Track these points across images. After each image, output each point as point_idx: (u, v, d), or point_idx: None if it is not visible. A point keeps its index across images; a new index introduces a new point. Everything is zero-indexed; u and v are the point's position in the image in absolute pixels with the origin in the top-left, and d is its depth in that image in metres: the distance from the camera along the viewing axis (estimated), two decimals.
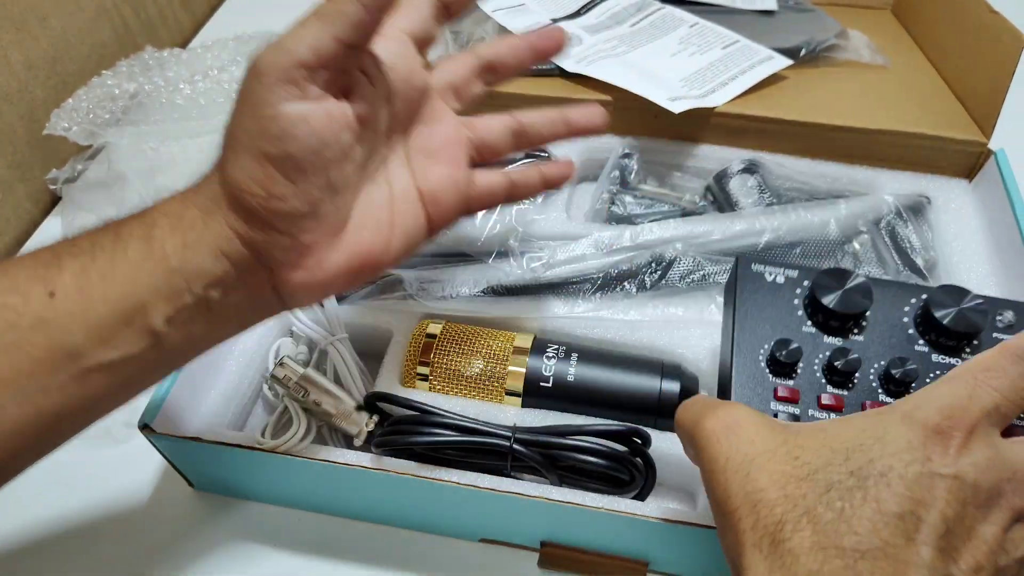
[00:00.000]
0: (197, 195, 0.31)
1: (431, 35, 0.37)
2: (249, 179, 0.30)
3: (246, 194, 0.30)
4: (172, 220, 0.31)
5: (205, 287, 0.31)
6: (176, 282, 0.30)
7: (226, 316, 0.33)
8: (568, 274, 0.49)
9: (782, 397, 0.35)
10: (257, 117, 0.30)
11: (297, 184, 0.30)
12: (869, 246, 0.51)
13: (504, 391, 0.44)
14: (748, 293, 0.38)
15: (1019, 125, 0.58)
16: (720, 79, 0.59)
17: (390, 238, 0.35)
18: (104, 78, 0.61)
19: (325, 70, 0.30)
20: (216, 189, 0.31)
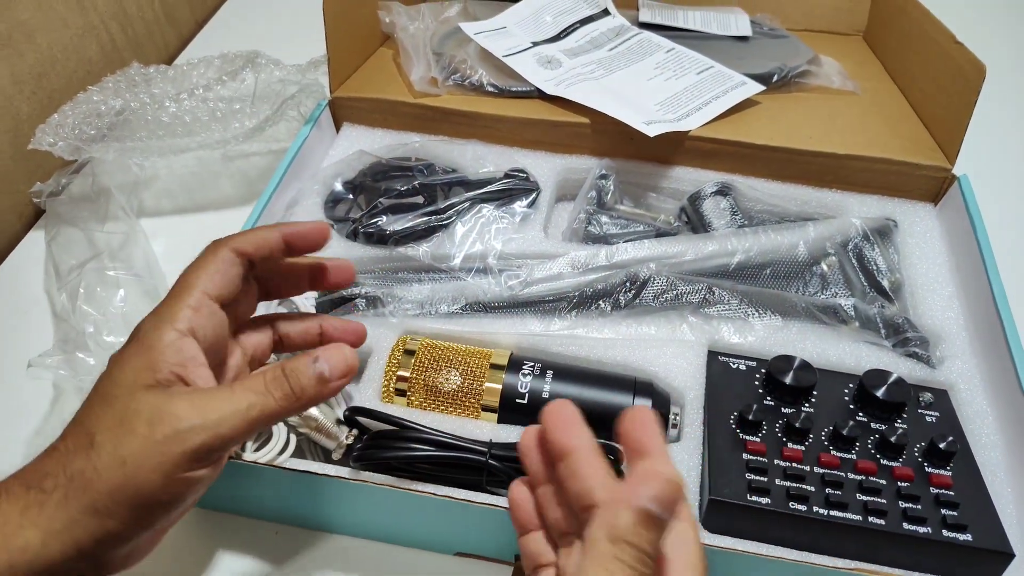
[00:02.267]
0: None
1: (238, 291, 0.35)
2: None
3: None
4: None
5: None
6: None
7: None
8: (544, 292, 0.51)
9: (751, 449, 0.41)
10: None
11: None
12: (837, 268, 0.53)
13: (481, 407, 0.45)
14: (716, 377, 0.46)
15: (981, 151, 0.60)
16: (695, 104, 0.61)
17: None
18: (90, 94, 0.62)
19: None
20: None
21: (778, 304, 0.50)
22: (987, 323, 0.48)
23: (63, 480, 0.29)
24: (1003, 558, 0.37)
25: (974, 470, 0.40)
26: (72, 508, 0.28)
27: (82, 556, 0.29)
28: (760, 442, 0.41)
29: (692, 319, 0.49)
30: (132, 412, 0.29)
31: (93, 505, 0.28)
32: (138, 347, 0.31)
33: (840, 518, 0.38)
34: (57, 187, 0.61)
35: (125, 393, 0.30)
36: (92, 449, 0.29)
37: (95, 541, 0.29)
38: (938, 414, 0.44)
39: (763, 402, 0.44)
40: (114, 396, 0.30)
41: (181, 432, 0.29)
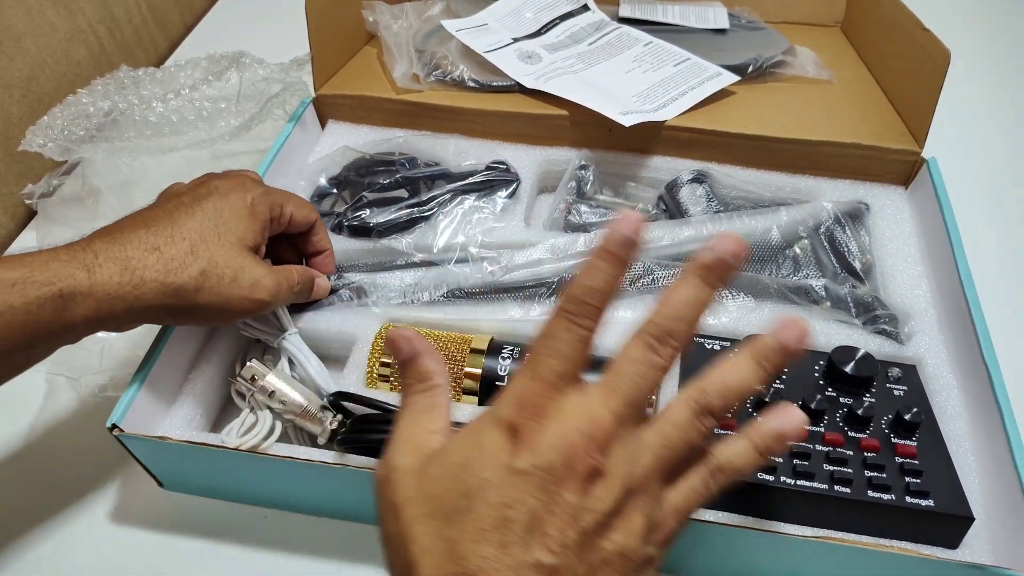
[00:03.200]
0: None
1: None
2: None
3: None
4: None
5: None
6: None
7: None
8: (524, 278, 0.52)
9: (724, 425, 0.42)
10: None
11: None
12: (809, 251, 0.54)
13: (462, 390, 0.46)
14: (692, 358, 0.47)
15: (949, 134, 0.61)
16: (671, 95, 0.62)
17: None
18: (79, 96, 0.63)
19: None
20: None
21: (752, 286, 0.51)
22: (953, 300, 0.50)
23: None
24: (964, 522, 0.38)
25: (939, 440, 0.42)
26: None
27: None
28: (731, 417, 0.42)
29: None
30: (236, 261, 0.42)
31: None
32: (251, 217, 0.44)
33: (806, 487, 0.39)
34: (48, 188, 0.62)
35: (234, 243, 0.42)
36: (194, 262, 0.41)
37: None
38: (906, 388, 0.45)
39: None
40: (225, 237, 0.42)
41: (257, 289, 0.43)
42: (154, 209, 0.43)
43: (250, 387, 0.45)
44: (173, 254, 0.40)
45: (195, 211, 0.42)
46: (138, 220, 0.41)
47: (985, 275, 0.50)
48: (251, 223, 0.44)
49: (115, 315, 0.39)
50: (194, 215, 0.42)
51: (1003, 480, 0.41)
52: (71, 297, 0.37)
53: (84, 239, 0.39)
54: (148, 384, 0.44)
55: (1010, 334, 0.51)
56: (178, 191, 0.45)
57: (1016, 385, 0.44)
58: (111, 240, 0.39)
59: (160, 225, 0.41)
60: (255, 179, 0.48)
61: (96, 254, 0.38)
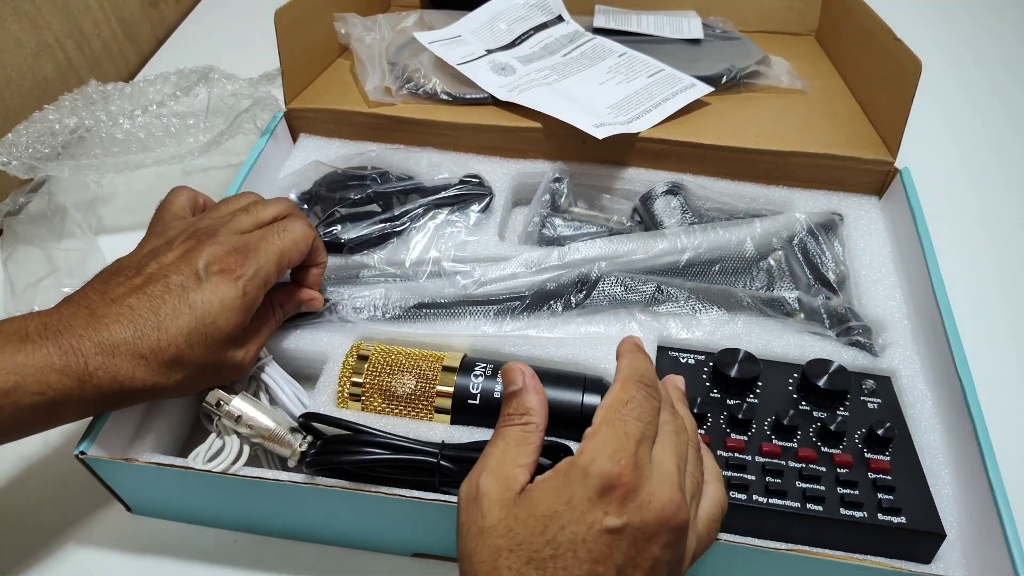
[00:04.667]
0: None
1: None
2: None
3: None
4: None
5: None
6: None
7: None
8: (497, 291, 0.51)
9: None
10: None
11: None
12: (783, 262, 0.54)
13: (434, 409, 0.46)
14: (666, 371, 0.47)
15: (922, 144, 0.62)
16: (645, 106, 0.62)
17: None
18: (46, 112, 0.62)
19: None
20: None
21: (725, 300, 0.51)
22: (926, 311, 0.50)
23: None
24: (935, 538, 0.38)
25: (912, 454, 0.42)
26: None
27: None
28: (704, 434, 0.42)
29: (641, 316, 0.50)
30: (220, 359, 0.42)
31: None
32: (242, 309, 0.42)
33: (779, 505, 0.39)
34: (14, 206, 0.61)
35: (221, 343, 0.42)
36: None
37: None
38: (880, 400, 0.45)
39: (709, 395, 0.45)
40: (213, 338, 0.41)
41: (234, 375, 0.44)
42: (138, 292, 0.40)
43: (216, 412, 0.44)
44: (159, 364, 0.39)
45: (181, 307, 0.40)
46: (123, 309, 0.39)
47: (957, 285, 0.51)
48: (242, 315, 0.42)
49: (100, 411, 0.41)
50: (180, 313, 0.39)
51: (976, 492, 0.41)
52: (63, 404, 0.37)
53: (69, 327, 0.38)
54: (115, 416, 0.43)
55: (983, 344, 0.51)
56: (167, 245, 0.43)
57: (988, 395, 0.44)
58: (98, 344, 0.38)
59: (144, 324, 0.39)
60: (245, 245, 0.43)
61: (87, 363, 0.37)
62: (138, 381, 0.39)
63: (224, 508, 0.45)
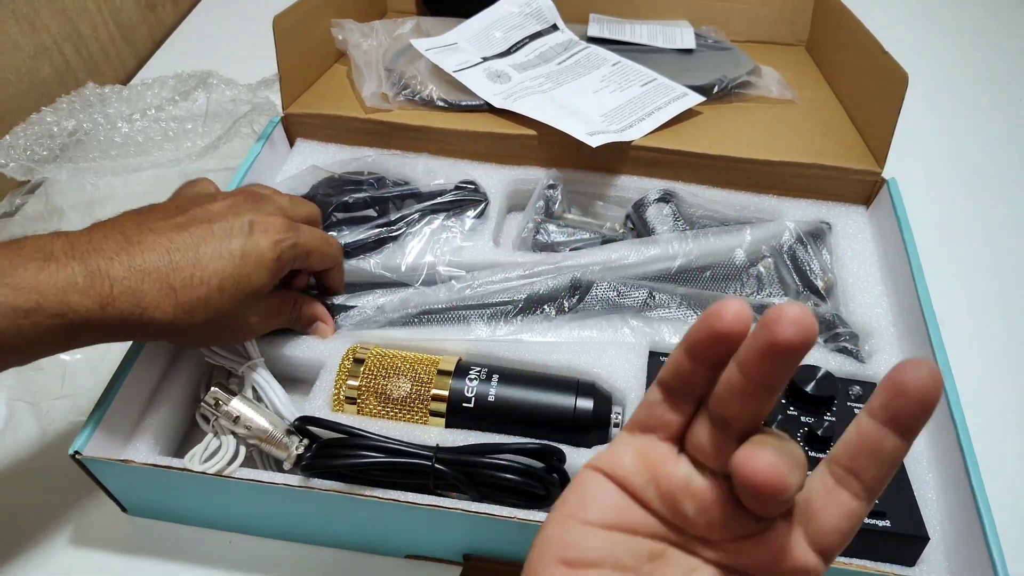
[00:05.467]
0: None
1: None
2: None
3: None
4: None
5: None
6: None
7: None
8: (491, 296, 0.52)
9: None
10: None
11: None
12: (772, 269, 0.55)
13: (429, 412, 0.46)
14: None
15: (909, 155, 0.63)
16: (637, 115, 0.63)
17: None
18: (43, 115, 0.62)
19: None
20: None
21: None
22: (912, 318, 0.51)
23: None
24: (919, 541, 0.39)
25: None
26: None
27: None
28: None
29: (633, 322, 0.50)
30: (240, 314, 0.43)
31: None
32: (273, 270, 0.43)
33: None
34: (11, 208, 0.62)
35: (248, 296, 0.42)
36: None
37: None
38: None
39: None
40: (241, 289, 0.42)
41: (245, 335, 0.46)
42: (180, 230, 0.40)
43: (214, 412, 0.44)
44: (186, 300, 0.39)
45: (222, 251, 0.40)
46: (161, 240, 0.39)
47: (942, 293, 0.52)
48: (271, 276, 0.43)
49: (111, 340, 0.39)
50: (220, 256, 0.40)
51: (958, 497, 0.42)
52: (80, 328, 0.37)
53: (99, 248, 0.37)
54: (112, 409, 0.44)
55: (967, 352, 0.52)
56: (211, 197, 0.44)
57: (970, 402, 0.45)
58: (129, 266, 0.38)
59: (181, 258, 0.39)
60: (291, 218, 0.45)
61: (112, 285, 0.37)
62: (159, 312, 0.38)
63: (219, 509, 0.45)
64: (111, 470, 0.43)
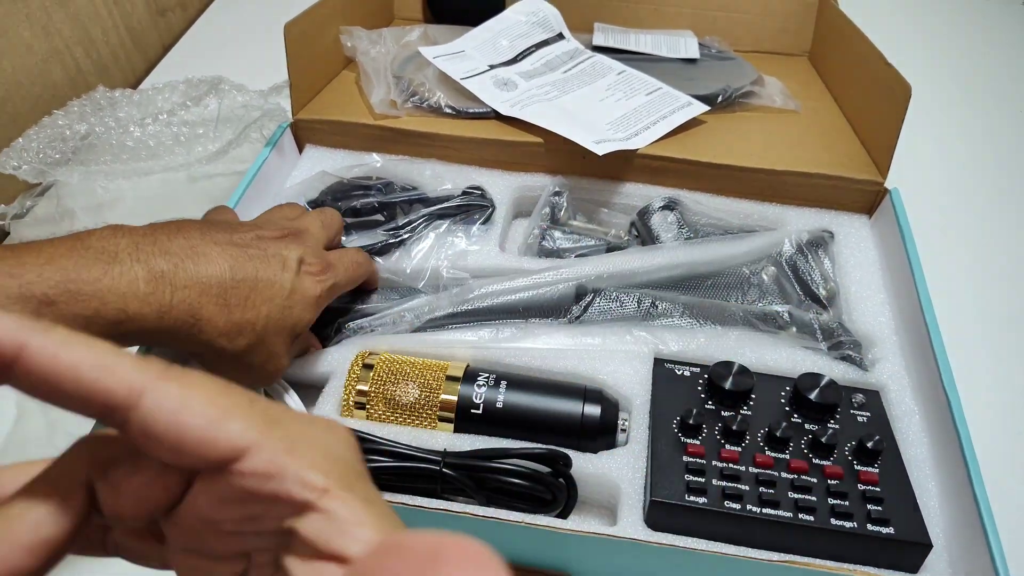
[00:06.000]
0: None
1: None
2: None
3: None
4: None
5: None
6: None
7: None
8: (497, 301, 0.53)
9: (691, 452, 0.43)
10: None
11: None
12: (775, 278, 0.55)
13: (437, 418, 0.47)
14: (662, 383, 0.48)
15: (912, 165, 0.64)
16: (643, 123, 0.64)
17: None
18: (55, 118, 0.63)
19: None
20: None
21: (719, 314, 0.52)
22: (915, 328, 0.51)
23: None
24: (922, 549, 0.40)
25: (900, 467, 0.43)
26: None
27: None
28: (700, 444, 0.43)
29: (637, 332, 0.51)
30: (277, 348, 0.44)
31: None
32: (313, 309, 0.45)
33: (771, 515, 0.40)
34: (21, 209, 0.62)
35: (287, 331, 0.43)
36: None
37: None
38: (869, 414, 0.46)
39: (704, 406, 0.46)
40: (282, 324, 0.43)
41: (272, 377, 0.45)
42: (241, 248, 0.41)
43: None
44: (238, 320, 0.40)
45: (275, 281, 0.42)
46: (224, 255, 0.40)
47: (944, 302, 0.52)
48: (312, 315, 0.45)
49: (153, 343, 0.40)
50: (273, 284, 0.42)
51: (962, 505, 0.42)
52: (133, 334, 0.37)
53: (165, 252, 0.38)
54: None
55: (969, 361, 0.53)
56: (255, 226, 0.44)
57: (973, 411, 0.45)
58: (192, 276, 0.38)
59: (241, 277, 0.40)
60: (327, 262, 0.46)
61: (172, 295, 0.37)
62: (211, 327, 0.39)
63: None
64: None
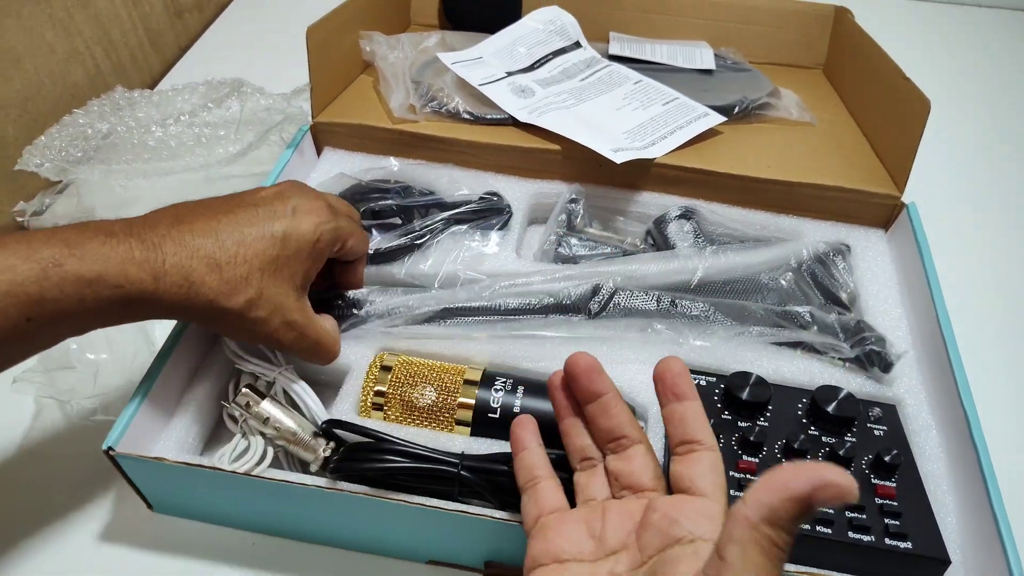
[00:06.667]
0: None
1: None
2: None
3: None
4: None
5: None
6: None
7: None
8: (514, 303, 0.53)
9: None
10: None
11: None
12: (793, 285, 0.55)
13: (454, 421, 0.47)
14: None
15: (928, 180, 0.64)
16: (660, 133, 0.64)
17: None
18: (76, 116, 0.63)
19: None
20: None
21: (739, 313, 0.52)
22: (932, 342, 0.51)
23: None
24: (940, 564, 0.40)
25: (917, 481, 0.43)
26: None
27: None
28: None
29: (658, 325, 0.51)
30: (279, 299, 0.43)
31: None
32: (313, 256, 0.45)
33: None
34: (41, 207, 0.63)
35: (287, 280, 0.43)
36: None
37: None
38: (886, 428, 0.46)
39: (721, 416, 0.46)
40: (281, 272, 0.43)
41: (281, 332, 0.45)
42: (227, 213, 0.43)
43: (244, 413, 0.45)
44: (230, 277, 0.41)
45: (265, 232, 0.42)
46: (209, 222, 0.41)
47: (961, 318, 0.52)
48: (311, 263, 0.45)
49: (159, 317, 0.41)
50: (263, 237, 0.42)
51: (980, 521, 0.42)
52: (136, 303, 0.39)
53: (153, 227, 0.40)
54: (143, 407, 0.45)
55: (986, 376, 0.53)
56: (259, 188, 0.46)
57: (991, 426, 0.45)
58: (180, 243, 0.40)
59: (227, 237, 0.41)
60: (332, 205, 0.47)
61: (164, 259, 0.39)
62: (206, 287, 0.40)
63: (245, 509, 0.46)
64: (143, 467, 0.43)
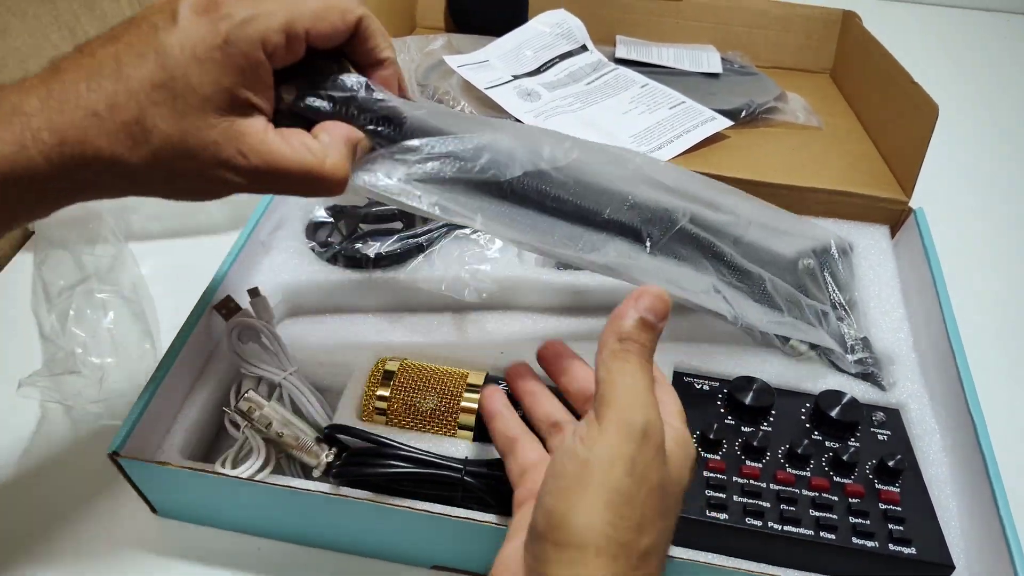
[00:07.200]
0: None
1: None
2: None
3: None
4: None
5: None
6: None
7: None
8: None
9: (711, 467, 0.43)
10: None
11: None
12: (809, 271, 0.53)
13: (457, 426, 0.47)
14: (681, 397, 0.45)
15: (936, 185, 0.63)
16: (667, 137, 0.64)
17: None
18: None
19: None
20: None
21: (769, 261, 0.50)
22: (938, 347, 0.51)
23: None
24: (945, 570, 0.39)
25: (921, 486, 0.43)
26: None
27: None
28: (720, 460, 0.43)
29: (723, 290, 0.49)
30: (201, 136, 0.32)
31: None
32: (224, 63, 0.31)
33: (793, 533, 0.40)
34: None
35: (197, 109, 0.31)
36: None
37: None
38: (889, 432, 0.46)
39: (724, 421, 0.46)
40: (184, 100, 0.31)
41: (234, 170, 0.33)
42: (112, 39, 0.32)
43: (247, 418, 0.45)
44: (117, 124, 0.31)
45: (148, 53, 0.31)
46: (86, 57, 0.31)
47: (968, 323, 0.52)
48: (220, 72, 0.31)
49: (77, 195, 0.33)
50: (145, 61, 0.31)
51: (986, 526, 0.42)
52: (9, 181, 0.31)
53: (20, 89, 0.31)
54: (147, 412, 0.45)
55: (991, 382, 0.52)
56: (145, 9, 0.33)
57: (996, 431, 0.45)
58: (46, 96, 0.31)
59: (102, 73, 0.31)
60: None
61: (29, 119, 0.30)
62: (90, 147, 0.31)
63: (249, 514, 0.46)
64: (147, 472, 0.43)
